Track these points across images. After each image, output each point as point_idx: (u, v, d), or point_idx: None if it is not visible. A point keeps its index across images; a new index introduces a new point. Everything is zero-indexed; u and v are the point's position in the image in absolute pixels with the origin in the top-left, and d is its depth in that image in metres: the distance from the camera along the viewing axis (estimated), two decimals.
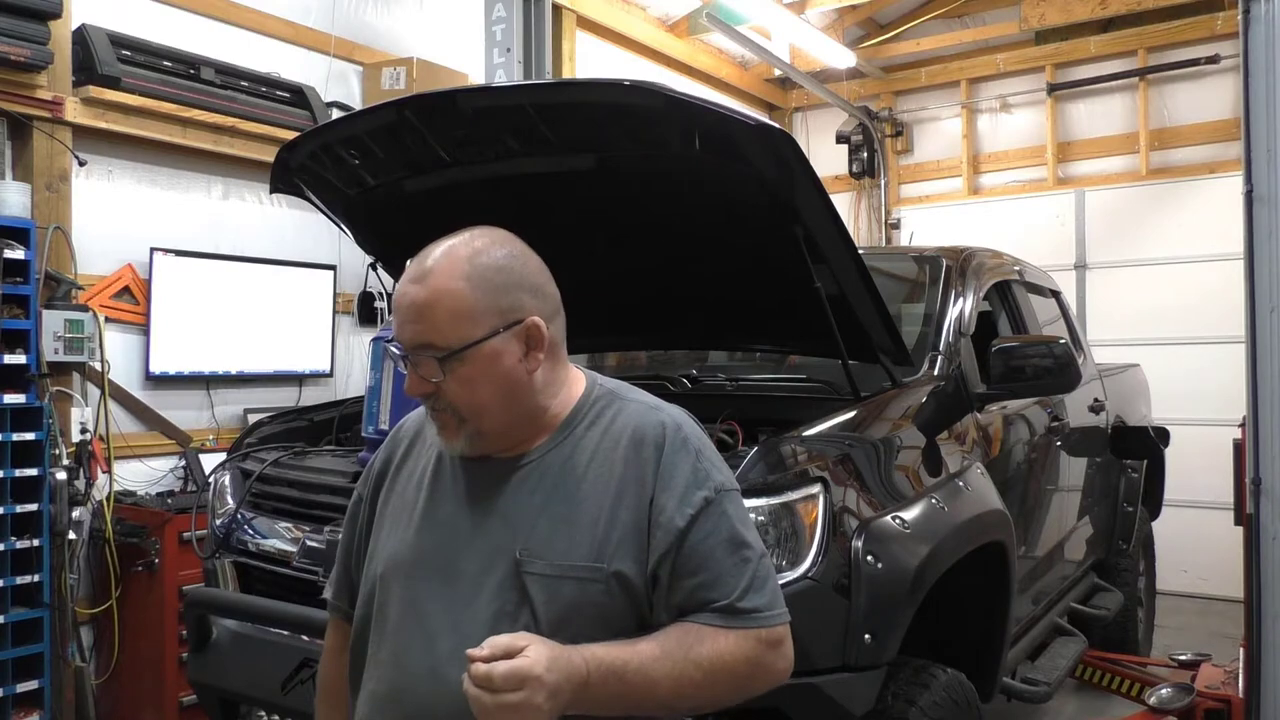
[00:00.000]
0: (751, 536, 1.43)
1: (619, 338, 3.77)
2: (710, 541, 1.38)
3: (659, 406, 1.50)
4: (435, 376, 1.39)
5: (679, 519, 1.38)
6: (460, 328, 1.38)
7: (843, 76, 8.48)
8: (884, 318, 2.80)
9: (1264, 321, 3.27)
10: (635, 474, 1.41)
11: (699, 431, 1.49)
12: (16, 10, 3.89)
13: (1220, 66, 7.22)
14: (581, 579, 1.37)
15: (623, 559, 1.37)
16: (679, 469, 1.41)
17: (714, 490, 1.41)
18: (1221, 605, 6.38)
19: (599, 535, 1.38)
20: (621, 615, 1.38)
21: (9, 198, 3.98)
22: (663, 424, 1.45)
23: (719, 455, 1.49)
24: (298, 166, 3.04)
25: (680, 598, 1.37)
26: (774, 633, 1.39)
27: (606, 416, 1.48)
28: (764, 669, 1.38)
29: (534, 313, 1.43)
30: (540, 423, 1.47)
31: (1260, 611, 3.31)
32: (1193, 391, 6.80)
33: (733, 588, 1.36)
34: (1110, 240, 7.60)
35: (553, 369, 1.48)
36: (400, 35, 5.72)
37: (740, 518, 1.43)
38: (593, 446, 1.45)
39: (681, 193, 2.70)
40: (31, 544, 3.94)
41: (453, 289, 1.38)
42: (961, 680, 2.57)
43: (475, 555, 1.42)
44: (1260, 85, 3.26)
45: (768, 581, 1.40)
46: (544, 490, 1.43)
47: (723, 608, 1.36)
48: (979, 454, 3.06)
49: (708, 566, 1.37)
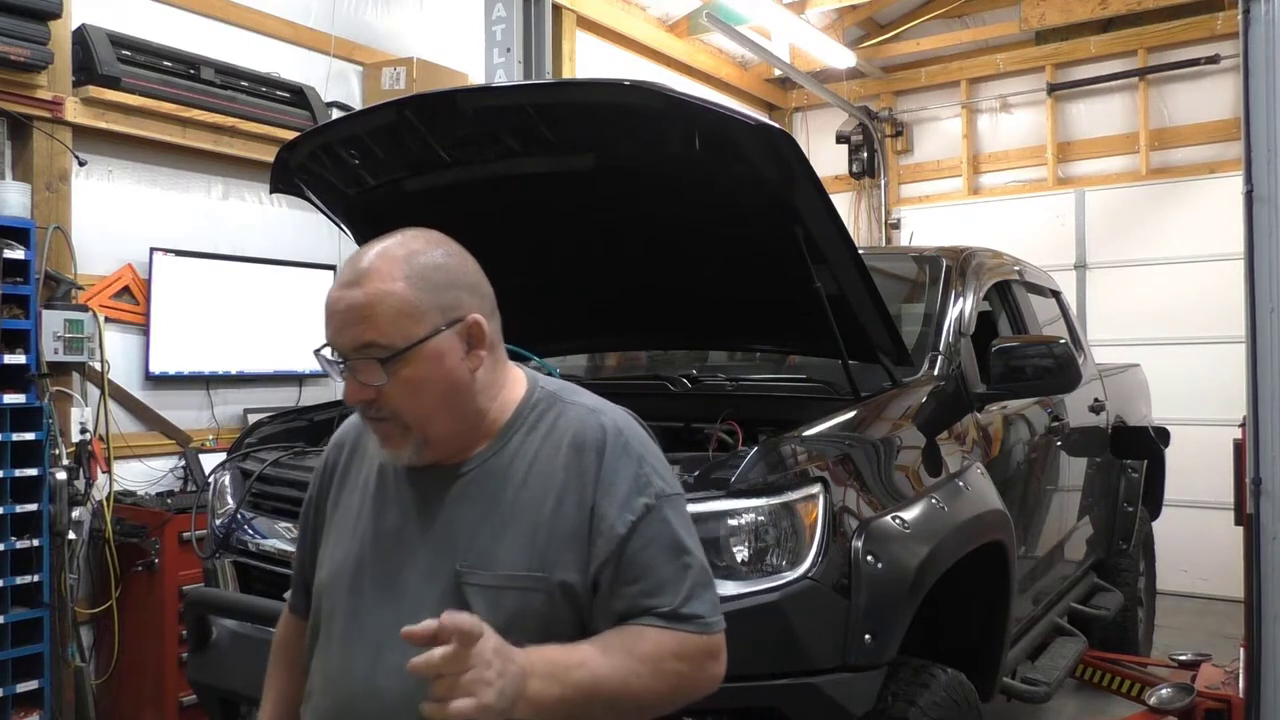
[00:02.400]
0: (692, 543, 1.41)
1: (619, 337, 3.77)
2: (652, 549, 1.37)
3: (600, 409, 1.47)
4: (378, 380, 1.36)
5: (620, 526, 1.36)
6: (403, 327, 1.34)
7: (843, 76, 8.48)
8: (884, 318, 2.80)
9: (1264, 321, 3.27)
10: (575, 480, 1.39)
11: (642, 435, 1.48)
12: (16, 10, 3.89)
13: (1220, 66, 7.22)
14: (523, 589, 1.36)
15: (565, 567, 1.36)
16: (620, 475, 1.39)
17: (655, 496, 1.40)
18: (1221, 605, 6.38)
19: (540, 544, 1.37)
20: (563, 623, 1.37)
21: (9, 198, 3.98)
22: (603, 428, 1.43)
23: (663, 459, 1.47)
24: (298, 166, 3.04)
25: (622, 605, 1.36)
26: (714, 640, 1.38)
27: (547, 420, 1.45)
28: (704, 674, 1.38)
29: (474, 310, 1.40)
30: (481, 427, 1.44)
31: (1260, 611, 3.31)
32: (1193, 391, 6.79)
33: (674, 595, 1.36)
34: (1110, 240, 7.60)
35: (493, 369, 1.45)
36: (400, 35, 5.72)
37: (682, 524, 1.42)
38: (533, 452, 1.42)
39: (681, 193, 2.70)
40: (31, 544, 3.94)
41: (393, 289, 1.35)
42: (961, 680, 2.57)
43: (417, 567, 1.40)
44: (1260, 85, 3.26)
45: (709, 588, 1.40)
46: (484, 499, 1.41)
47: (666, 614, 1.35)
48: (979, 454, 3.06)
49: (649, 574, 1.36)
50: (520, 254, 3.20)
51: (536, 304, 3.38)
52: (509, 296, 3.59)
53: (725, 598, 2.09)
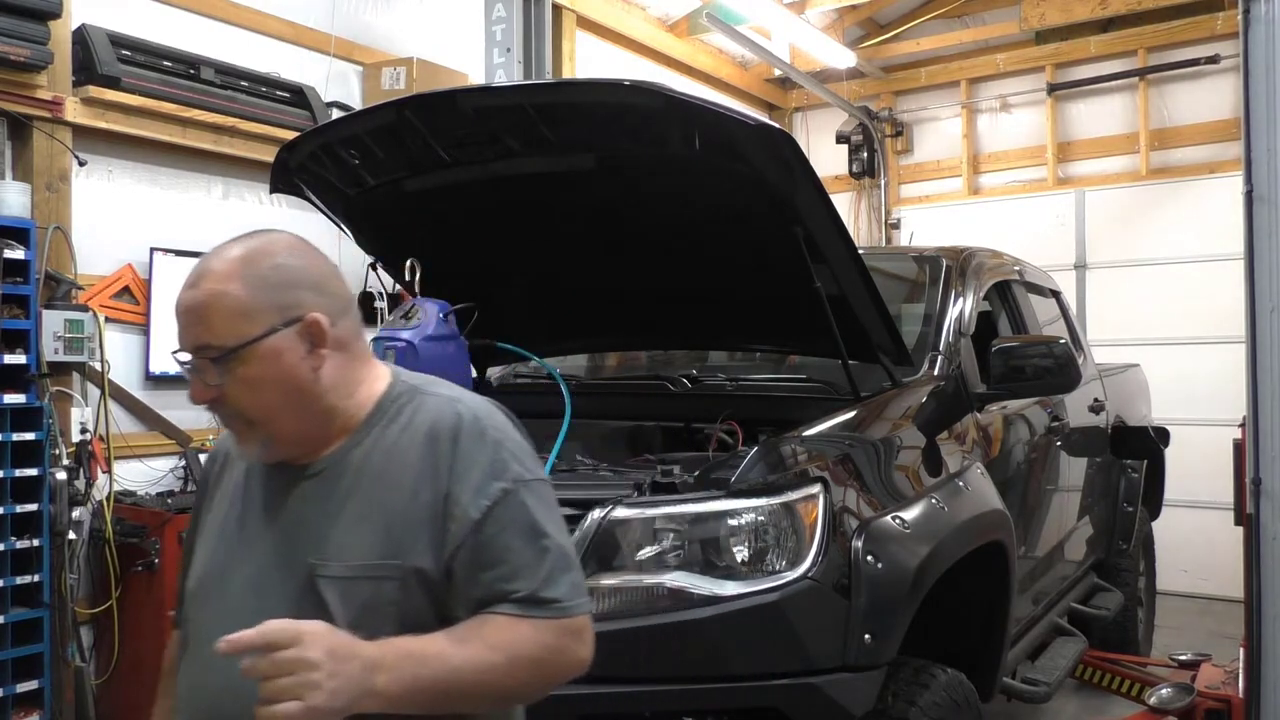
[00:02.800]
0: (553, 528, 1.40)
1: (619, 337, 3.77)
2: (508, 533, 1.36)
3: (459, 398, 1.47)
4: (215, 380, 1.37)
5: (473, 511, 1.36)
6: (236, 326, 1.35)
7: (843, 76, 8.48)
8: (884, 318, 2.80)
9: (1264, 321, 3.27)
10: (430, 468, 1.39)
11: (502, 422, 1.46)
12: (16, 10, 3.88)
13: (1220, 66, 7.22)
14: (376, 578, 1.35)
15: (419, 554, 1.35)
16: (475, 460, 1.39)
17: (512, 481, 1.39)
18: (1221, 605, 6.37)
19: (394, 532, 1.36)
20: (420, 612, 1.36)
21: (9, 198, 3.97)
22: (459, 415, 1.42)
23: (525, 447, 1.46)
24: (298, 166, 3.04)
25: (480, 591, 1.35)
26: (575, 622, 1.37)
27: (406, 413, 1.45)
28: (566, 657, 1.37)
29: (315, 309, 1.39)
30: (337, 424, 1.44)
31: (1260, 611, 3.31)
32: (1193, 391, 6.79)
33: (531, 578, 1.35)
34: (1110, 240, 7.60)
35: (346, 368, 1.44)
36: (400, 35, 5.72)
37: (542, 508, 1.40)
38: (389, 445, 1.42)
39: (681, 193, 2.71)
40: (31, 544, 3.94)
41: (226, 289, 1.36)
42: (961, 680, 2.57)
43: (276, 568, 1.40)
44: (1260, 85, 3.26)
45: (569, 572, 1.39)
46: (340, 493, 1.41)
47: (522, 598, 1.34)
48: (979, 454, 3.06)
49: (506, 558, 1.36)
50: (520, 254, 3.20)
51: (536, 304, 3.39)
52: (509, 296, 3.62)
53: (725, 598, 2.12)
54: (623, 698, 2.12)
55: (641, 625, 2.12)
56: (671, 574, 2.15)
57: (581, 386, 3.34)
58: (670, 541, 2.17)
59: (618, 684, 2.12)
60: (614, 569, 2.16)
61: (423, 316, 2.65)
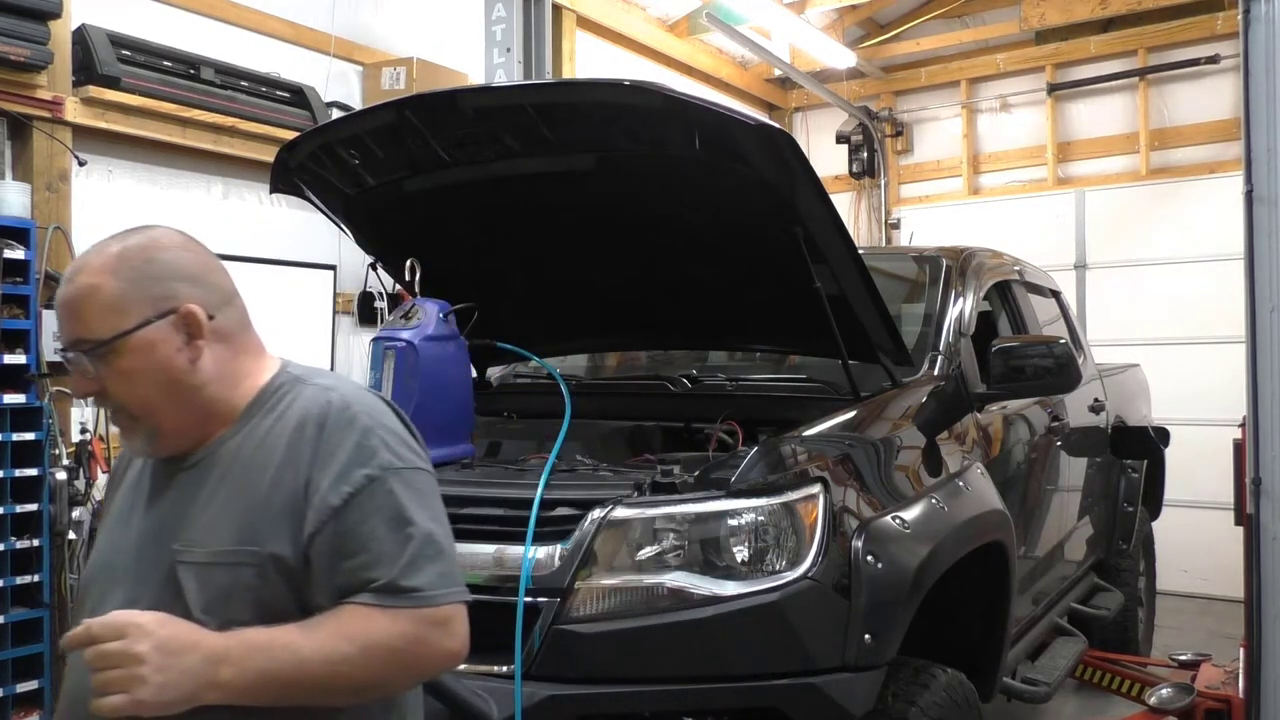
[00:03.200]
0: (420, 515, 1.38)
1: (619, 337, 3.77)
2: (372, 521, 1.35)
3: (334, 387, 1.46)
4: (90, 373, 1.38)
5: (333, 497, 1.35)
6: (108, 319, 1.36)
7: (843, 76, 8.48)
8: (884, 318, 2.80)
9: (1264, 321, 3.27)
10: (295, 454, 1.38)
11: (376, 409, 1.45)
12: (16, 10, 3.88)
13: (1220, 66, 7.22)
14: (233, 564, 1.35)
15: (276, 540, 1.35)
16: (340, 446, 1.38)
17: (379, 469, 1.37)
18: (1221, 605, 6.37)
19: (254, 519, 1.36)
20: (278, 599, 1.35)
21: (9, 198, 3.97)
22: (329, 403, 1.42)
23: (402, 435, 1.44)
24: (298, 166, 3.04)
25: (341, 580, 1.34)
26: (439, 612, 1.35)
27: (284, 403, 1.45)
28: (429, 648, 1.35)
29: (191, 301, 1.40)
30: (219, 417, 1.44)
31: (1260, 611, 3.31)
32: (1193, 391, 6.79)
33: (391, 567, 1.33)
34: (1110, 240, 7.60)
35: (229, 360, 1.45)
36: (400, 35, 5.72)
37: (411, 496, 1.38)
38: (263, 434, 1.42)
39: (681, 193, 2.71)
40: (31, 544, 3.94)
41: (98, 282, 1.37)
42: (961, 680, 2.57)
43: (149, 557, 1.41)
44: (1260, 85, 3.26)
45: (436, 560, 1.37)
46: (212, 481, 1.41)
47: (380, 587, 1.32)
48: (979, 454, 3.06)
49: (368, 547, 1.34)
50: (520, 254, 3.20)
51: (536, 304, 3.39)
52: (509, 296, 3.62)
53: (725, 598, 2.12)
54: (623, 698, 2.12)
55: (641, 625, 2.12)
56: (671, 574, 2.15)
57: (581, 386, 3.34)
58: (670, 541, 2.17)
59: (618, 684, 2.12)
60: (614, 569, 2.16)
61: (423, 316, 2.65)
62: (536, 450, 2.83)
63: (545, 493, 2.24)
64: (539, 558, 2.17)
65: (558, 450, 2.44)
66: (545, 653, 2.12)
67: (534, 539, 2.18)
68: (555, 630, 2.12)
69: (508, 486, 2.39)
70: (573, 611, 2.14)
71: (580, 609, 2.14)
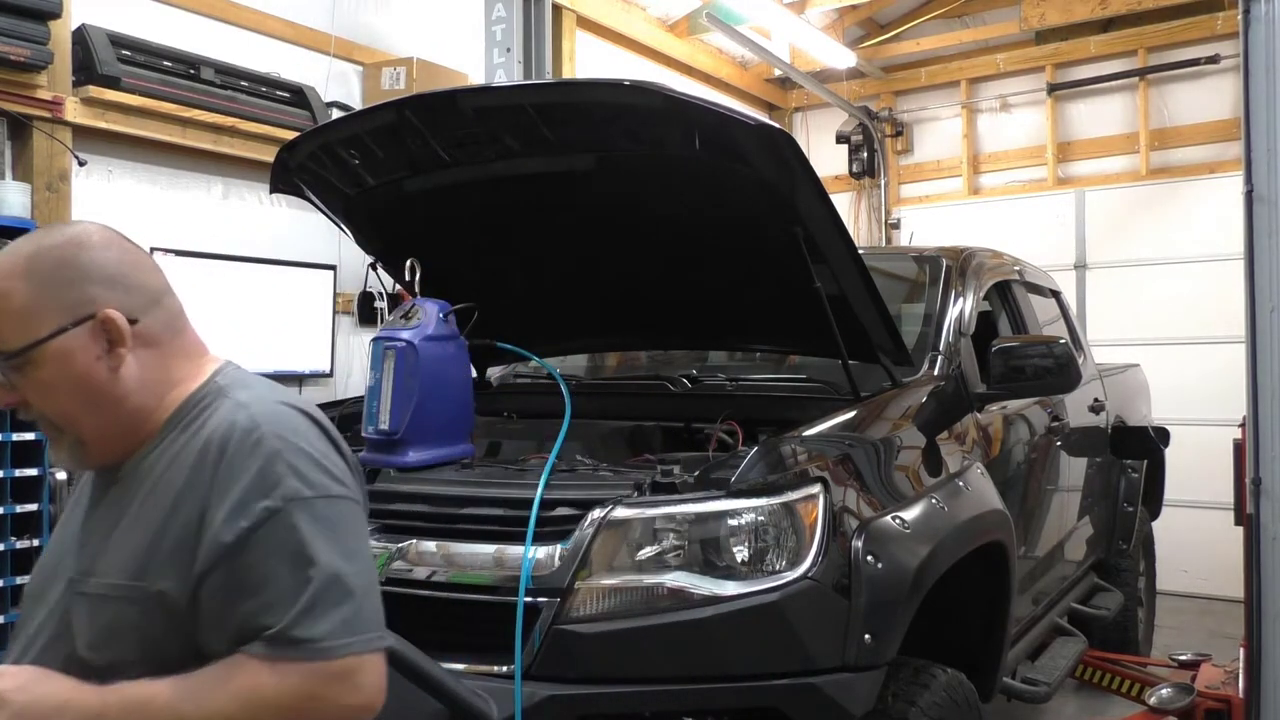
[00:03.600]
0: (326, 553, 1.23)
1: (619, 337, 3.77)
2: (270, 561, 1.21)
3: (248, 404, 1.32)
4: (7, 384, 1.30)
5: (226, 533, 1.22)
6: (19, 328, 1.27)
7: (843, 76, 8.48)
8: (884, 318, 2.80)
9: (1264, 321, 3.27)
10: (196, 481, 1.26)
11: (291, 430, 1.30)
12: (16, 10, 3.88)
13: (1220, 66, 7.22)
14: (122, 598, 1.25)
15: (166, 577, 1.23)
16: (241, 475, 1.24)
17: (283, 500, 1.23)
18: (1221, 605, 6.37)
19: (146, 550, 1.26)
20: (167, 640, 1.24)
21: (9, 198, 3.97)
22: (235, 424, 1.28)
23: (318, 460, 1.29)
24: (298, 166, 3.04)
25: (236, 623, 1.22)
26: (338, 664, 1.20)
27: (203, 418, 1.32)
28: (325, 705, 1.21)
29: (110, 306, 1.29)
30: (146, 427, 1.34)
31: (1260, 611, 3.31)
32: (1193, 391, 6.79)
33: (285, 612, 1.19)
34: (1110, 240, 7.60)
35: (158, 366, 1.34)
36: (400, 35, 5.72)
37: (319, 531, 1.23)
38: (175, 453, 1.31)
39: (681, 193, 2.70)
40: (31, 544, 3.93)
41: (7, 288, 1.27)
42: (961, 680, 2.57)
43: (60, 578, 1.35)
44: (1260, 85, 3.26)
45: (341, 604, 1.22)
46: (120, 504, 1.32)
47: (272, 636, 1.19)
48: (979, 454, 3.06)
49: (263, 589, 1.20)
50: (520, 254, 3.20)
51: (537, 304, 3.38)
52: (509, 296, 3.62)
53: (725, 598, 2.12)
54: (623, 698, 2.12)
55: (641, 625, 2.12)
56: (672, 574, 2.14)
57: (581, 386, 3.34)
58: (670, 541, 2.17)
59: (618, 684, 2.12)
60: (614, 569, 2.16)
61: (423, 316, 2.65)
62: (536, 450, 2.83)
63: (545, 493, 2.24)
64: (539, 558, 2.17)
65: (558, 450, 2.44)
66: (545, 653, 2.12)
67: (534, 539, 2.18)
68: (555, 630, 2.12)
69: (508, 486, 2.39)
70: (573, 611, 2.13)
71: (580, 609, 2.14)
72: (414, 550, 2.32)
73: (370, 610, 1.26)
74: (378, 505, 2.46)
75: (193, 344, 1.42)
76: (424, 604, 2.29)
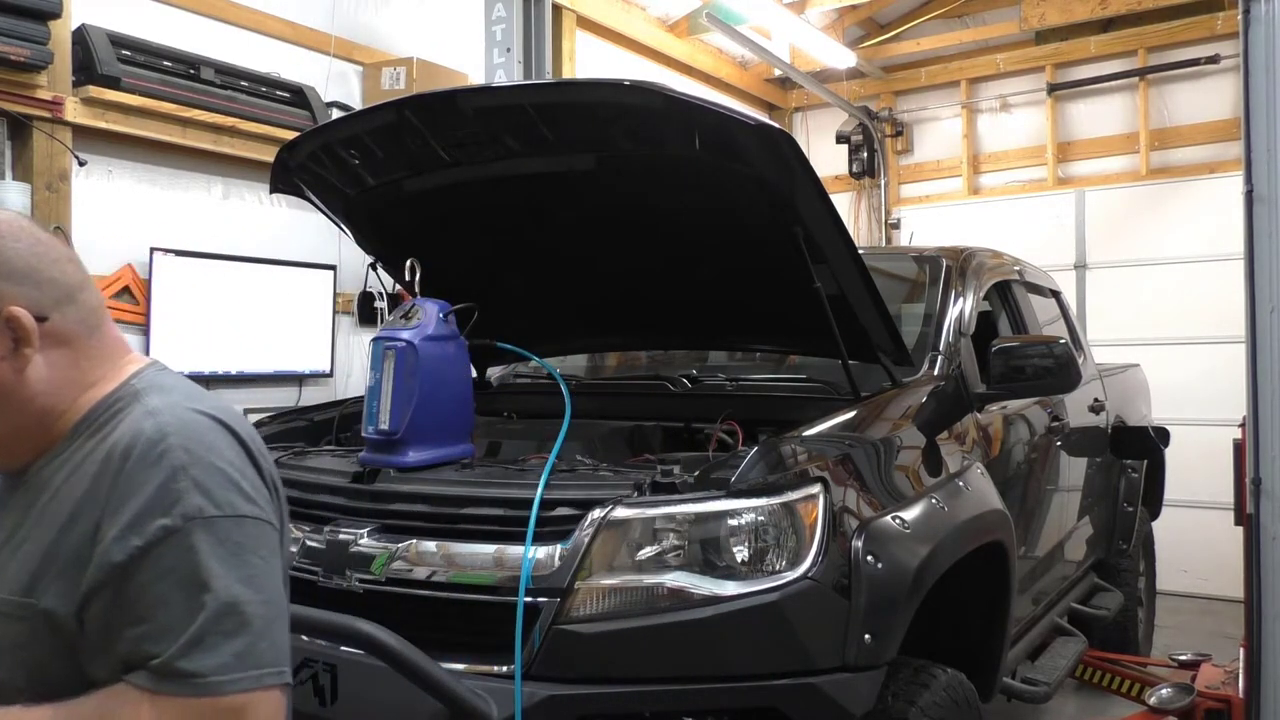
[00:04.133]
0: (225, 578, 1.13)
1: (619, 337, 3.77)
2: (165, 583, 1.12)
3: (158, 411, 1.22)
4: None
5: (117, 552, 1.13)
6: None
7: (843, 76, 8.48)
8: (884, 318, 2.80)
9: (1264, 321, 3.26)
10: (95, 492, 1.18)
11: (205, 442, 1.21)
12: (16, 10, 3.88)
13: (1220, 66, 7.22)
14: (9, 615, 1.18)
15: (54, 595, 1.16)
16: (140, 489, 1.15)
17: (182, 518, 1.13)
18: (1221, 605, 6.38)
19: (39, 565, 1.18)
20: (54, 664, 1.17)
21: (9, 198, 3.97)
22: (140, 433, 1.19)
23: (229, 475, 1.20)
24: (298, 166, 3.04)
25: (125, 649, 1.13)
26: (226, 702, 1.11)
27: (113, 423, 1.24)
28: None
29: (16, 303, 1.20)
30: (55, 430, 1.26)
31: (1260, 611, 3.31)
32: (1193, 391, 6.80)
33: (172, 642, 1.10)
34: (1110, 240, 7.60)
35: (69, 366, 1.26)
36: (400, 35, 5.72)
37: (221, 554, 1.14)
38: (79, 461, 1.23)
39: (681, 193, 2.71)
40: None
41: None
42: (961, 680, 2.57)
43: None
44: (1260, 85, 3.26)
45: (236, 636, 1.13)
46: (18, 513, 1.24)
47: (156, 666, 1.10)
48: (979, 454, 3.06)
49: (154, 614, 1.12)
50: (520, 254, 3.21)
51: (537, 304, 3.39)
52: (509, 296, 3.62)
53: (725, 598, 2.12)
54: (623, 698, 2.12)
55: (641, 625, 2.12)
56: (672, 574, 2.14)
57: (581, 386, 3.34)
58: (670, 541, 2.17)
59: (618, 684, 2.12)
60: (614, 569, 2.16)
61: (423, 316, 2.65)
62: (536, 450, 2.83)
63: (545, 493, 2.23)
64: (539, 558, 2.17)
65: (558, 450, 2.44)
66: (545, 653, 2.12)
67: (534, 539, 2.18)
68: (555, 630, 2.12)
69: (508, 486, 2.39)
70: (573, 611, 2.13)
71: (580, 609, 2.14)
72: (414, 550, 2.32)
73: (270, 644, 1.16)
74: (378, 505, 2.47)
75: (111, 343, 1.32)
76: (424, 604, 2.30)
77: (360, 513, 2.47)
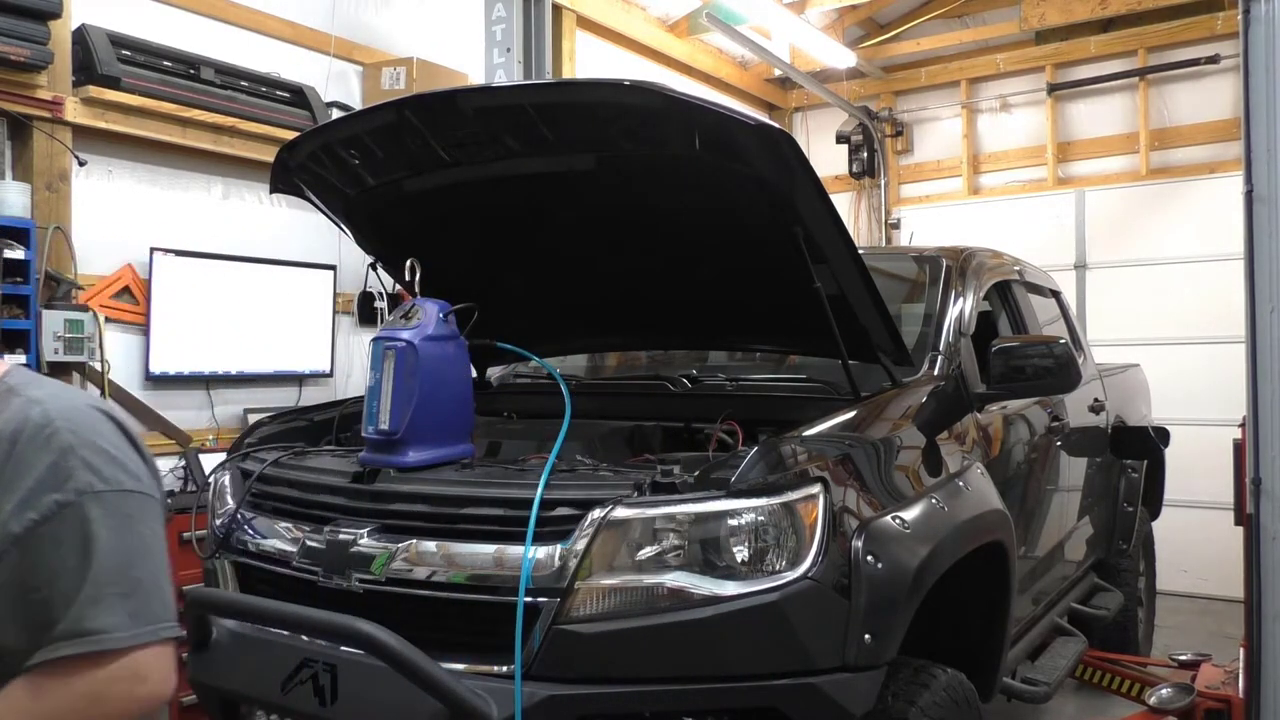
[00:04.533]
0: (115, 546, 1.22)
1: (619, 337, 3.77)
2: (62, 551, 1.20)
3: (42, 400, 1.28)
4: None
5: (15, 525, 1.19)
6: None
7: (843, 76, 8.48)
8: (884, 318, 2.80)
9: (1264, 321, 3.26)
10: None
11: (87, 426, 1.28)
12: (16, 10, 3.89)
13: (1220, 66, 7.23)
14: None
15: None
16: (32, 468, 1.21)
17: (75, 493, 1.21)
18: (1221, 605, 6.38)
19: None
20: None
21: (9, 198, 3.98)
22: (28, 419, 1.25)
23: (113, 455, 1.28)
24: (298, 166, 3.04)
25: (30, 613, 1.21)
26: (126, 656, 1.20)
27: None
28: (114, 697, 1.20)
29: None
30: None
31: (1260, 611, 3.31)
32: (1193, 391, 6.80)
33: (71, 604, 1.18)
34: (1110, 240, 7.60)
35: None
36: (400, 35, 5.72)
37: (112, 525, 1.23)
38: None
39: (681, 193, 2.71)
40: None
41: None
42: (961, 680, 2.57)
43: None
44: (1260, 85, 3.26)
45: (128, 598, 1.21)
46: None
47: (57, 634, 1.18)
48: (979, 454, 3.06)
49: (51, 583, 1.19)
50: (520, 254, 3.21)
51: (537, 304, 3.39)
52: (509, 296, 3.62)
53: (725, 598, 2.12)
54: (623, 698, 2.12)
55: (641, 625, 2.12)
56: (672, 574, 2.14)
57: (581, 386, 3.34)
58: (670, 541, 2.17)
59: (618, 684, 2.12)
60: (614, 569, 2.16)
61: (423, 316, 2.65)
62: (536, 450, 2.83)
63: (545, 493, 2.23)
64: (539, 558, 2.17)
65: (558, 450, 2.44)
66: (545, 653, 2.12)
67: (534, 539, 2.18)
68: (555, 630, 2.12)
69: (508, 486, 2.39)
70: (573, 611, 2.13)
71: (580, 609, 2.14)
72: (414, 550, 2.32)
73: (159, 602, 1.26)
74: (378, 505, 2.47)
75: None
76: (424, 604, 2.30)
77: (360, 513, 2.47)
